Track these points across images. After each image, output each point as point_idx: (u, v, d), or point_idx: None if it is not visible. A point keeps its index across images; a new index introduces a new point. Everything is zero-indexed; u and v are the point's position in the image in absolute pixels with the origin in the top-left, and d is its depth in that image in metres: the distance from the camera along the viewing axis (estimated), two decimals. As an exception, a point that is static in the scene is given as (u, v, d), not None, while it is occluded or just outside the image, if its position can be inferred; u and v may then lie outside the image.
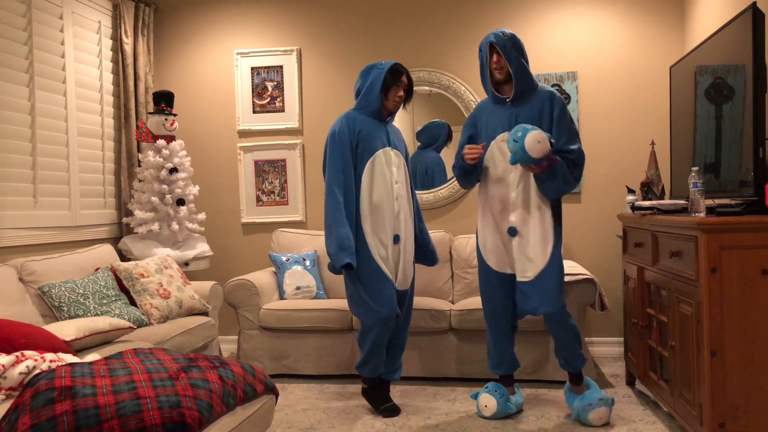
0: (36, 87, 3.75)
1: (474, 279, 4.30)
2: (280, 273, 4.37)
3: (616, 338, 4.53)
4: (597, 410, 3.12)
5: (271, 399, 2.57)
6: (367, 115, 3.38)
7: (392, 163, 3.36)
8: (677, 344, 2.79)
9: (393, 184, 3.34)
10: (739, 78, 2.72)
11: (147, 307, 3.61)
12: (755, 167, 2.57)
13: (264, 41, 4.91)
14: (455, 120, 4.69)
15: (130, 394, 2.01)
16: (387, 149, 3.36)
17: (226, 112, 4.97)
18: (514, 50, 3.09)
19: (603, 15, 4.53)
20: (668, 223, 2.81)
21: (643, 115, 4.50)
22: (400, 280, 3.36)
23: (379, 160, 3.32)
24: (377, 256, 3.28)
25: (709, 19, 3.89)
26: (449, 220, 4.71)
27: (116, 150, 4.55)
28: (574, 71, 4.53)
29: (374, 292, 3.26)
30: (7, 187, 3.53)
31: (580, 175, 3.12)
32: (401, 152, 3.46)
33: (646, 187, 3.70)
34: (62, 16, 4.03)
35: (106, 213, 4.42)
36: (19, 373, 2.27)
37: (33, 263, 3.39)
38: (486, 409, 3.26)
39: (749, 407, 2.45)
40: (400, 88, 3.36)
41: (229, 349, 4.78)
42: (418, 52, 4.73)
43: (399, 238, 3.34)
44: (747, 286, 2.45)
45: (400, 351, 3.50)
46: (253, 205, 4.92)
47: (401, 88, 3.36)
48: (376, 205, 3.30)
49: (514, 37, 3.11)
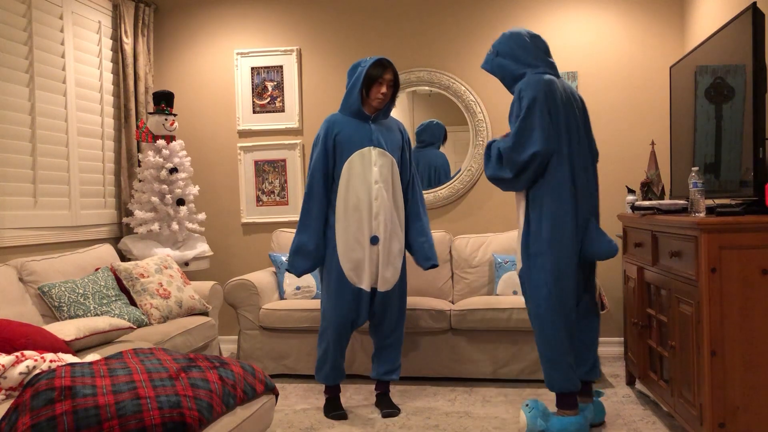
0: (36, 87, 3.75)
1: (474, 279, 4.31)
2: (280, 273, 4.37)
3: (616, 338, 4.53)
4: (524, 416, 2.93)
5: (271, 399, 2.57)
6: (350, 116, 3.37)
7: (373, 163, 3.30)
8: (677, 344, 2.79)
9: (372, 184, 3.29)
10: (739, 78, 2.72)
11: (147, 307, 3.61)
12: (755, 167, 2.57)
13: (264, 41, 4.91)
14: (455, 120, 4.69)
15: (130, 394, 2.01)
16: (368, 149, 3.30)
17: (226, 112, 4.97)
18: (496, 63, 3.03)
19: (603, 15, 4.53)
20: (668, 223, 2.81)
21: (643, 115, 4.50)
22: (380, 282, 3.31)
23: (358, 160, 3.29)
24: (345, 260, 3.27)
25: (709, 19, 3.89)
26: (449, 220, 4.71)
27: (116, 150, 4.55)
28: (574, 71, 4.53)
29: (335, 296, 3.29)
30: (7, 187, 3.53)
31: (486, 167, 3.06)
32: (390, 150, 3.36)
33: (646, 187, 3.70)
34: (62, 16, 4.03)
35: (106, 213, 4.42)
36: (19, 373, 2.27)
37: (33, 263, 3.39)
38: (517, 426, 3.15)
39: (749, 407, 2.45)
40: (383, 84, 3.29)
41: (229, 349, 4.78)
42: (418, 52, 4.73)
43: (377, 240, 3.29)
44: (747, 286, 2.45)
45: (395, 351, 3.44)
46: (253, 205, 4.92)
47: (384, 84, 3.29)
48: (352, 206, 3.28)
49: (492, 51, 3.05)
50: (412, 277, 4.33)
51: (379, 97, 3.30)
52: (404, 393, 3.76)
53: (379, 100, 3.31)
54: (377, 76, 3.28)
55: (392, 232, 3.34)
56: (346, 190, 3.29)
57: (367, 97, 3.33)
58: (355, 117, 3.36)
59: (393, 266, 3.34)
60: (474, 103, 4.63)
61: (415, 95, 4.79)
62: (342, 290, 3.28)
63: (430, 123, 4.69)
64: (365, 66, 3.29)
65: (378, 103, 3.32)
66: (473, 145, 4.66)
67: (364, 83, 3.29)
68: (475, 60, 4.66)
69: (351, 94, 3.33)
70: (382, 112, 3.39)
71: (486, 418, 3.28)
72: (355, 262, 3.27)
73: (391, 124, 3.47)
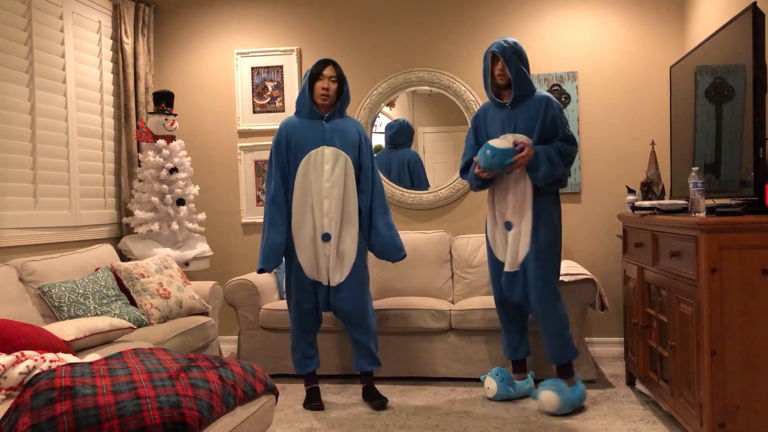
0: (36, 87, 3.75)
1: (474, 279, 4.31)
2: (280, 273, 4.37)
3: (616, 338, 4.53)
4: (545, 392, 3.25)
5: (271, 399, 2.57)
6: (304, 117, 3.50)
7: (325, 161, 3.42)
8: (677, 344, 2.79)
9: (323, 183, 3.41)
10: (739, 78, 2.72)
11: (147, 307, 3.61)
12: (755, 167, 2.57)
13: (264, 41, 4.91)
14: (455, 120, 4.69)
15: (130, 394, 2.01)
16: (321, 148, 3.43)
17: (226, 112, 4.97)
18: (515, 56, 3.31)
19: (603, 15, 4.53)
20: (668, 223, 2.81)
21: (643, 115, 4.50)
22: (331, 277, 3.45)
23: (310, 160, 3.43)
24: (302, 257, 3.45)
25: (709, 19, 3.89)
26: (449, 220, 4.71)
27: (116, 150, 4.55)
28: (574, 71, 4.53)
29: (294, 290, 3.49)
30: (7, 187, 3.53)
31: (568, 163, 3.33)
32: (344, 148, 3.46)
33: (646, 187, 3.70)
34: (62, 16, 4.03)
35: (106, 213, 4.42)
36: (19, 373, 2.27)
37: (33, 263, 3.39)
38: (488, 391, 3.54)
39: (749, 407, 2.45)
40: (324, 80, 3.42)
41: (229, 349, 4.78)
42: (418, 52, 4.73)
43: (329, 237, 3.41)
44: (747, 286, 2.45)
45: (370, 343, 3.52)
46: (253, 205, 4.92)
47: (324, 79, 3.42)
48: (306, 204, 3.43)
49: (516, 45, 3.34)
50: (413, 277, 4.33)
51: (322, 92, 3.42)
52: (404, 393, 3.76)
53: (322, 96, 3.43)
54: (318, 74, 3.43)
55: (343, 229, 3.46)
56: (301, 190, 3.44)
57: (312, 95, 3.47)
58: (309, 118, 3.49)
59: (344, 261, 3.46)
60: (474, 103, 4.63)
61: (415, 95, 4.79)
62: (301, 284, 3.47)
63: (398, 123, 4.75)
64: (310, 69, 3.47)
65: (322, 99, 3.44)
66: (473, 145, 4.66)
67: (310, 84, 3.45)
68: (475, 60, 4.66)
69: (302, 96, 3.50)
70: (336, 111, 3.50)
71: (486, 418, 3.28)
72: (309, 259, 3.45)
73: (348, 124, 3.56)
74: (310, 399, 3.54)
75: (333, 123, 3.49)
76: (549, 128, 3.33)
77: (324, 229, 3.42)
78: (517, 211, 3.38)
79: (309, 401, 3.53)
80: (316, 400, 3.52)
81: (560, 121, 3.33)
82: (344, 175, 3.45)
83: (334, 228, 3.42)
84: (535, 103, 3.35)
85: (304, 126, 3.47)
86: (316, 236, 3.43)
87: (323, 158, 3.42)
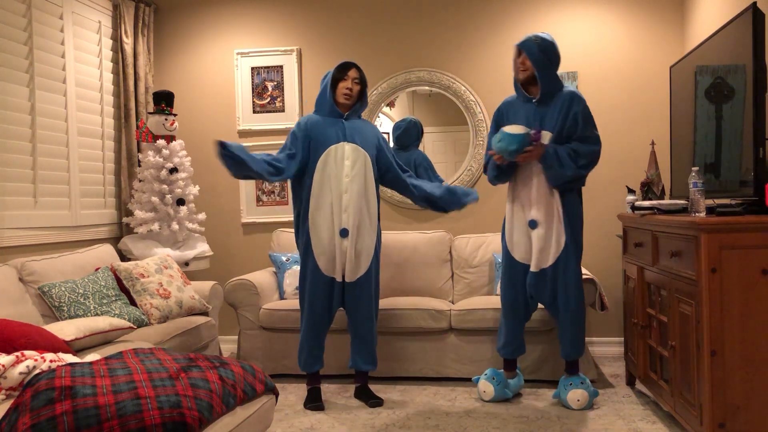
0: (36, 87, 3.75)
1: (474, 279, 4.31)
2: (280, 273, 4.37)
3: (616, 338, 4.53)
4: (575, 391, 3.35)
5: (271, 399, 2.57)
6: (324, 115, 3.56)
7: (345, 157, 3.46)
8: (677, 344, 2.79)
9: (343, 178, 3.44)
10: (739, 78, 2.72)
11: (147, 307, 3.61)
12: (755, 167, 2.57)
13: (264, 41, 4.91)
14: (455, 120, 4.69)
15: (130, 394, 2.01)
16: (341, 144, 3.48)
17: (226, 112, 4.97)
18: (542, 54, 3.28)
19: (603, 15, 4.53)
20: (668, 223, 2.81)
21: (643, 115, 4.50)
22: (347, 273, 3.46)
23: (330, 155, 3.46)
24: (318, 252, 3.45)
25: (709, 19, 3.89)
26: (449, 220, 4.71)
27: (116, 150, 4.55)
28: (574, 71, 4.53)
29: (309, 286, 3.48)
30: (7, 187, 3.53)
31: (584, 164, 3.29)
32: (364, 146, 3.51)
33: (646, 187, 3.70)
34: (62, 16, 4.03)
35: (106, 213, 4.42)
36: (19, 373, 2.27)
37: (33, 263, 3.39)
38: (485, 395, 3.53)
39: (749, 407, 2.45)
40: (348, 80, 3.50)
41: (229, 349, 4.78)
42: (418, 52, 4.73)
43: (347, 232, 3.43)
44: (747, 286, 2.45)
45: (370, 343, 3.56)
46: (253, 205, 4.92)
47: (348, 80, 3.50)
48: (324, 200, 3.45)
49: (544, 42, 3.29)
50: (413, 277, 4.33)
51: (345, 92, 3.50)
52: (404, 393, 3.76)
53: (345, 95, 3.50)
54: (342, 74, 3.52)
55: (362, 225, 3.47)
56: (319, 185, 3.45)
57: (334, 94, 3.53)
58: (329, 116, 3.55)
59: (362, 258, 3.48)
60: (474, 103, 4.63)
61: (415, 95, 4.79)
62: (316, 280, 3.47)
63: (405, 123, 4.65)
64: (332, 71, 3.55)
65: (345, 98, 3.51)
66: (473, 145, 4.66)
67: (332, 85, 3.52)
68: (475, 60, 4.66)
69: (324, 95, 3.56)
70: (354, 112, 3.58)
71: (486, 418, 3.28)
72: (326, 254, 3.45)
73: (366, 125, 3.64)
74: (310, 399, 3.54)
75: (352, 122, 3.57)
76: (570, 125, 3.31)
77: (342, 225, 3.43)
78: (542, 209, 3.34)
79: (309, 401, 3.53)
80: (316, 400, 3.52)
81: (582, 118, 3.30)
82: (364, 172, 3.49)
83: (353, 224, 3.44)
84: (561, 99, 3.33)
85: (325, 122, 3.52)
86: (334, 232, 3.44)
87: (344, 154, 3.46)
